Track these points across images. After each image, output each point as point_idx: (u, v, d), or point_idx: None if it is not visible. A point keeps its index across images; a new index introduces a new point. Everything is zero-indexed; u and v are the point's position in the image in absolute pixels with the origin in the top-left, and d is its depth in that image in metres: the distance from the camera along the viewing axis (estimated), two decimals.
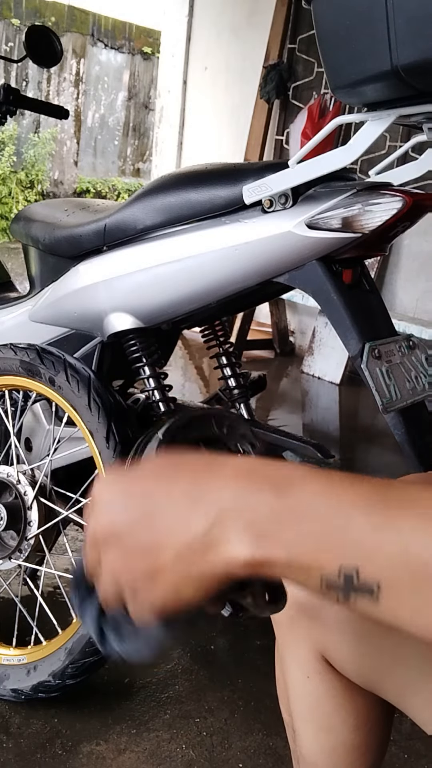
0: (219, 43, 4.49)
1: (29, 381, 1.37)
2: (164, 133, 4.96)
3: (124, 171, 9.38)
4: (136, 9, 8.96)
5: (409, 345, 1.16)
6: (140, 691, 1.37)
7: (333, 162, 1.06)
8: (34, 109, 1.79)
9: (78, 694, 1.30)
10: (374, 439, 3.06)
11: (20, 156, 7.78)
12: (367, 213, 1.05)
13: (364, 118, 1.03)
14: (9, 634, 1.35)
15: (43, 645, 1.30)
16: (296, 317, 4.27)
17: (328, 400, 3.50)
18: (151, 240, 1.30)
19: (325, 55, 0.99)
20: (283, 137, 4.09)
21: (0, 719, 1.27)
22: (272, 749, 1.26)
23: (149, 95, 9.20)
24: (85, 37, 8.44)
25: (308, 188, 1.13)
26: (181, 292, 1.28)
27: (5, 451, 1.42)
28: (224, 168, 1.26)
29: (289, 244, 1.13)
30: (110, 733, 1.26)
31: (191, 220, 1.25)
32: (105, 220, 1.36)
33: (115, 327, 1.37)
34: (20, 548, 1.33)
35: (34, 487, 1.34)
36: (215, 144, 4.57)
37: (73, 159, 8.61)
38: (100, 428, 1.25)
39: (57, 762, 1.19)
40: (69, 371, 1.30)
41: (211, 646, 1.52)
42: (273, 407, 3.27)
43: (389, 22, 0.87)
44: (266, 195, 1.14)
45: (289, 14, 3.91)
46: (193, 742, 1.26)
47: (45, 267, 1.55)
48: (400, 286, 3.68)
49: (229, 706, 1.35)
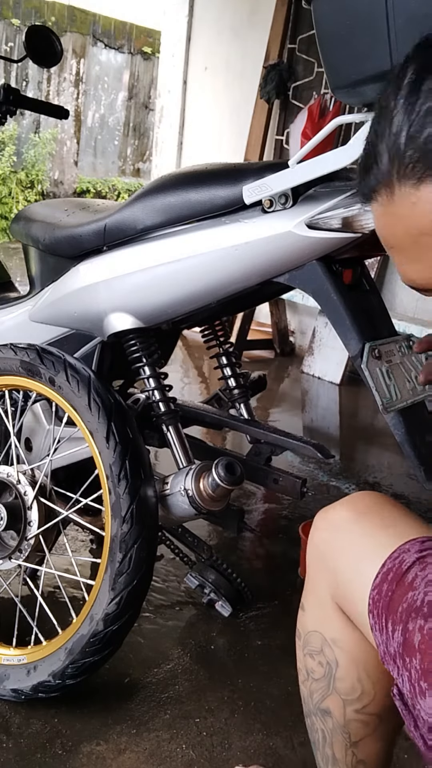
0: (219, 43, 4.48)
1: (29, 381, 1.37)
2: (164, 133, 4.96)
3: (124, 171, 9.37)
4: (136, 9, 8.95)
5: (409, 345, 1.16)
6: (140, 691, 1.37)
7: (333, 162, 1.06)
8: (34, 109, 1.80)
9: (78, 694, 1.30)
10: (374, 439, 3.06)
11: (20, 156, 7.78)
12: (367, 213, 1.05)
13: (364, 118, 1.03)
14: (9, 634, 1.35)
15: (43, 645, 1.30)
16: (296, 317, 4.27)
17: (328, 400, 3.51)
18: (151, 240, 1.30)
19: (325, 55, 0.99)
20: (283, 137, 4.09)
21: (0, 719, 1.27)
22: (272, 749, 1.26)
23: (149, 95, 9.20)
24: (85, 37, 8.43)
25: (308, 188, 1.13)
26: (181, 292, 1.28)
27: (5, 451, 1.42)
28: (224, 168, 1.26)
29: (289, 244, 1.13)
30: (110, 733, 1.26)
31: (191, 220, 1.25)
32: (105, 220, 1.36)
33: (115, 327, 1.37)
34: (20, 548, 1.33)
35: (34, 487, 1.34)
36: (215, 144, 4.57)
37: (73, 159, 8.61)
38: (100, 428, 1.25)
39: (57, 762, 1.19)
40: (69, 371, 1.30)
41: (211, 646, 1.52)
42: (273, 407, 3.27)
43: (389, 22, 0.87)
44: (266, 195, 1.14)
45: (289, 14, 3.91)
46: (193, 742, 1.26)
47: (45, 267, 1.55)
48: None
49: (229, 706, 1.35)
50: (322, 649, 0.85)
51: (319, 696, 0.86)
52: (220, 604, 1.58)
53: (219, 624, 1.59)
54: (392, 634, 0.69)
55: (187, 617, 1.61)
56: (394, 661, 0.69)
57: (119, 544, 1.21)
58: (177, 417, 1.40)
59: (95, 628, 1.21)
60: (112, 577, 1.21)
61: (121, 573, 1.20)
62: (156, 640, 1.52)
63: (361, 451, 2.98)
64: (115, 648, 1.25)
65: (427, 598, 0.67)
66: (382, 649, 0.71)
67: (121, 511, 1.21)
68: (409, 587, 0.69)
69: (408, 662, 0.66)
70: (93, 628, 1.21)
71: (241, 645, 1.53)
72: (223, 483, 1.25)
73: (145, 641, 1.51)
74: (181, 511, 1.29)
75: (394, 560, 0.72)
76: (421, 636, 0.65)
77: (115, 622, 1.21)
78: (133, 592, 1.21)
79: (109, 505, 1.23)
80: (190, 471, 1.28)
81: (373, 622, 0.72)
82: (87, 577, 1.62)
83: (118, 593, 1.20)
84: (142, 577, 1.22)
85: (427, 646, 0.64)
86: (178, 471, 1.33)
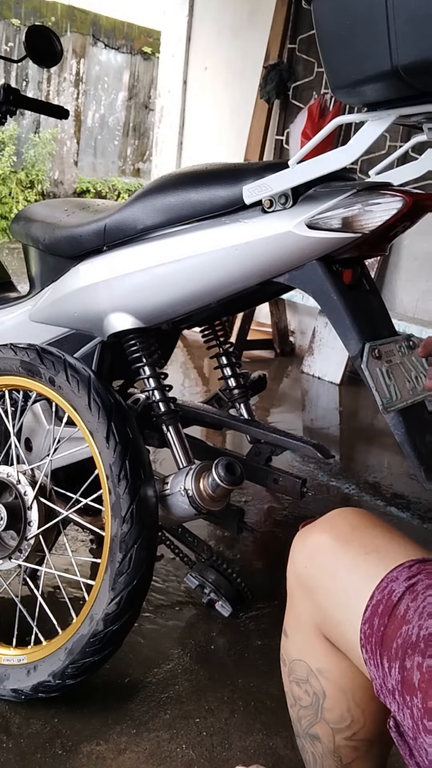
0: (219, 43, 4.48)
1: (29, 381, 1.37)
2: (164, 133, 4.96)
3: (124, 171, 9.37)
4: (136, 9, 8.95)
5: (409, 345, 1.16)
6: (140, 691, 1.37)
7: (333, 162, 1.06)
8: (34, 109, 1.80)
9: (78, 694, 1.30)
10: (374, 439, 3.06)
11: (20, 156, 7.77)
12: (367, 213, 1.05)
13: (364, 118, 1.03)
14: (9, 634, 1.35)
15: (43, 645, 1.30)
16: (296, 317, 4.27)
17: (328, 400, 3.50)
18: (151, 240, 1.30)
19: (325, 55, 0.99)
20: (283, 137, 4.09)
21: (0, 719, 1.27)
22: (272, 749, 1.26)
23: (149, 95, 9.20)
24: (85, 37, 8.43)
25: (308, 188, 1.13)
26: (181, 292, 1.28)
27: (5, 451, 1.42)
28: (224, 168, 1.26)
29: (289, 244, 1.13)
30: (110, 733, 1.26)
31: (191, 220, 1.25)
32: (105, 220, 1.36)
33: (115, 327, 1.37)
34: (20, 548, 1.33)
35: (34, 487, 1.34)
36: (215, 144, 4.57)
37: (73, 159, 8.61)
38: (100, 428, 1.25)
39: (57, 762, 1.19)
40: (69, 371, 1.30)
41: (211, 646, 1.52)
42: (273, 407, 3.27)
43: (389, 22, 0.87)
44: (266, 195, 1.14)
45: (289, 14, 3.91)
46: (193, 742, 1.26)
47: (45, 267, 1.55)
48: (400, 286, 3.68)
49: (229, 706, 1.35)
50: (308, 678, 0.82)
51: (307, 722, 0.84)
52: (220, 604, 1.58)
53: (219, 624, 1.59)
54: (389, 671, 0.67)
55: (187, 617, 1.61)
56: (393, 696, 0.67)
57: (119, 544, 1.21)
58: (177, 417, 1.40)
59: (95, 628, 1.21)
60: (112, 577, 1.21)
61: (121, 573, 1.20)
62: (156, 640, 1.52)
63: (361, 451, 2.98)
64: (115, 648, 1.25)
65: (422, 633, 0.65)
66: (378, 683, 0.69)
67: (121, 511, 1.21)
68: (402, 621, 0.67)
69: (409, 700, 0.64)
70: (93, 628, 1.21)
71: (241, 645, 1.53)
72: (223, 483, 1.25)
73: (145, 641, 1.51)
74: (181, 511, 1.29)
75: (383, 591, 0.70)
76: (420, 674, 0.63)
77: (115, 622, 1.21)
78: (133, 592, 1.21)
79: (109, 505, 1.23)
80: (190, 471, 1.28)
81: (367, 656, 0.70)
82: (87, 577, 1.61)
83: (118, 593, 1.20)
84: (142, 577, 1.22)
85: (428, 685, 0.62)
86: (178, 471, 1.32)
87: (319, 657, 0.81)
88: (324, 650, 0.80)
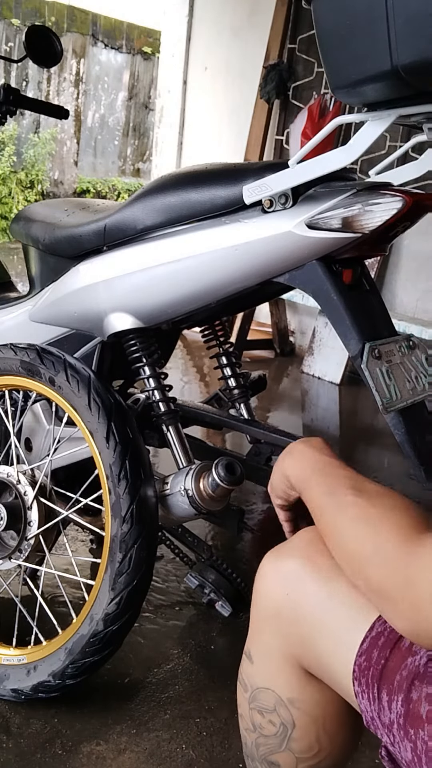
0: (219, 43, 4.48)
1: (29, 381, 1.37)
2: (164, 133, 4.96)
3: (124, 171, 9.37)
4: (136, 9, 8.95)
5: (409, 345, 1.16)
6: (140, 691, 1.37)
7: (333, 162, 1.06)
8: (34, 109, 1.80)
9: (78, 694, 1.30)
10: (374, 439, 3.06)
11: (20, 156, 7.77)
12: (367, 213, 1.05)
13: (364, 118, 1.03)
14: (9, 634, 1.35)
15: (43, 645, 1.30)
16: (296, 317, 4.27)
17: (328, 400, 3.50)
18: (151, 240, 1.30)
19: (325, 55, 0.99)
20: (283, 137, 4.09)
21: (0, 719, 1.27)
22: None
23: (149, 95, 9.20)
24: (85, 37, 8.43)
25: (308, 188, 1.13)
26: (181, 292, 1.28)
27: (5, 451, 1.42)
28: (224, 168, 1.26)
29: (289, 244, 1.13)
30: (110, 733, 1.26)
31: (191, 220, 1.25)
32: (105, 220, 1.36)
33: (115, 327, 1.37)
34: (20, 548, 1.33)
35: (34, 487, 1.34)
36: (215, 144, 4.57)
37: (73, 159, 8.61)
38: (100, 428, 1.25)
39: (57, 762, 1.19)
40: (69, 371, 1.30)
41: (211, 646, 1.52)
42: (273, 407, 3.27)
43: (389, 22, 0.87)
44: (266, 195, 1.14)
45: (289, 14, 3.91)
46: (193, 742, 1.26)
47: (45, 267, 1.55)
48: (400, 286, 3.68)
49: (229, 706, 1.35)
50: (276, 708, 0.78)
51: (266, 750, 0.81)
52: (220, 604, 1.58)
53: (219, 624, 1.59)
54: (388, 705, 0.65)
55: (187, 617, 1.61)
56: (389, 729, 0.65)
57: (119, 544, 1.21)
58: (177, 417, 1.40)
59: (95, 628, 1.21)
60: (112, 577, 1.21)
61: (121, 573, 1.20)
62: (156, 640, 1.52)
63: (361, 451, 2.98)
64: (115, 648, 1.25)
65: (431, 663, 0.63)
66: (369, 716, 0.67)
67: (121, 511, 1.21)
68: (407, 652, 0.65)
69: (413, 733, 0.62)
70: (93, 628, 1.21)
71: (241, 645, 1.52)
72: (223, 483, 1.25)
73: (145, 641, 1.51)
74: (181, 511, 1.29)
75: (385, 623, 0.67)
76: (429, 706, 0.61)
77: (115, 622, 1.21)
78: (133, 592, 1.21)
79: (109, 505, 1.23)
80: (190, 471, 1.28)
81: (360, 689, 0.68)
82: (87, 577, 1.61)
83: (118, 593, 1.20)
84: (142, 577, 1.22)
85: None
86: (178, 471, 1.33)
87: (291, 687, 0.77)
88: (298, 680, 0.77)
